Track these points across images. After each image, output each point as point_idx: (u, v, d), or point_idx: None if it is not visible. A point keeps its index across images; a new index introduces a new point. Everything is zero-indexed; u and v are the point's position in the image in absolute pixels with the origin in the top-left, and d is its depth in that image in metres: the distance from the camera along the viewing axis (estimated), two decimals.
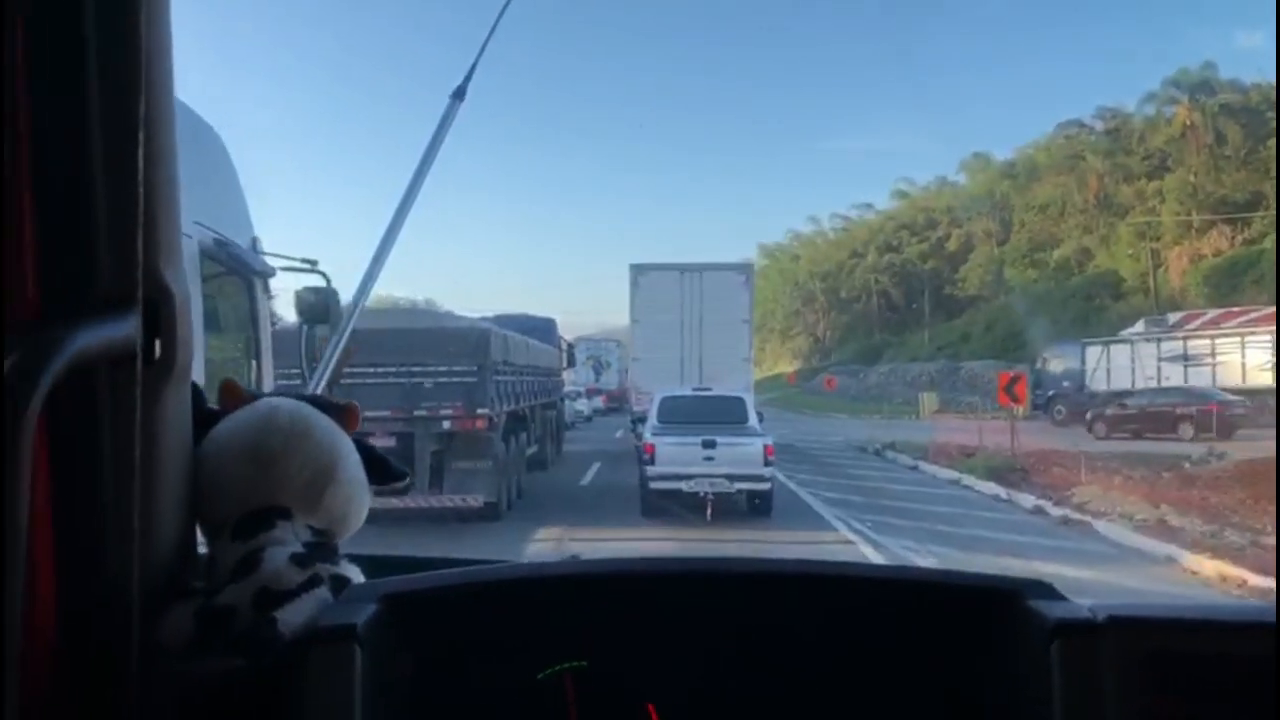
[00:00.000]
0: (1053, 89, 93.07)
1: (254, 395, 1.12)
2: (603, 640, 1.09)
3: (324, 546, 1.05)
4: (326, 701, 0.91)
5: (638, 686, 1.08)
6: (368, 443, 1.16)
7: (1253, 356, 29.83)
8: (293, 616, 0.95)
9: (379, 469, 1.15)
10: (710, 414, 14.02)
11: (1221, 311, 34.45)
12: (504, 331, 14.52)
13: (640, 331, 21.13)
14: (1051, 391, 33.36)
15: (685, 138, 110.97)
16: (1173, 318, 36.10)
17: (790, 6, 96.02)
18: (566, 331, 26.11)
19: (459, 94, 1.96)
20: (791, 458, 20.32)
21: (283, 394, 1.17)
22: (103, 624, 0.84)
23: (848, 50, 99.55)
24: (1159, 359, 32.69)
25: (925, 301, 65.75)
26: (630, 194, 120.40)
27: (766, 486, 13.16)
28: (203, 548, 1.05)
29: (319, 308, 5.07)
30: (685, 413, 14.10)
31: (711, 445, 12.91)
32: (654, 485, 13.10)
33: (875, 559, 9.58)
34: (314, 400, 1.15)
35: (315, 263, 5.20)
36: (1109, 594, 5.02)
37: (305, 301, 5.12)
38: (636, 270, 21.18)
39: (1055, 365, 35.10)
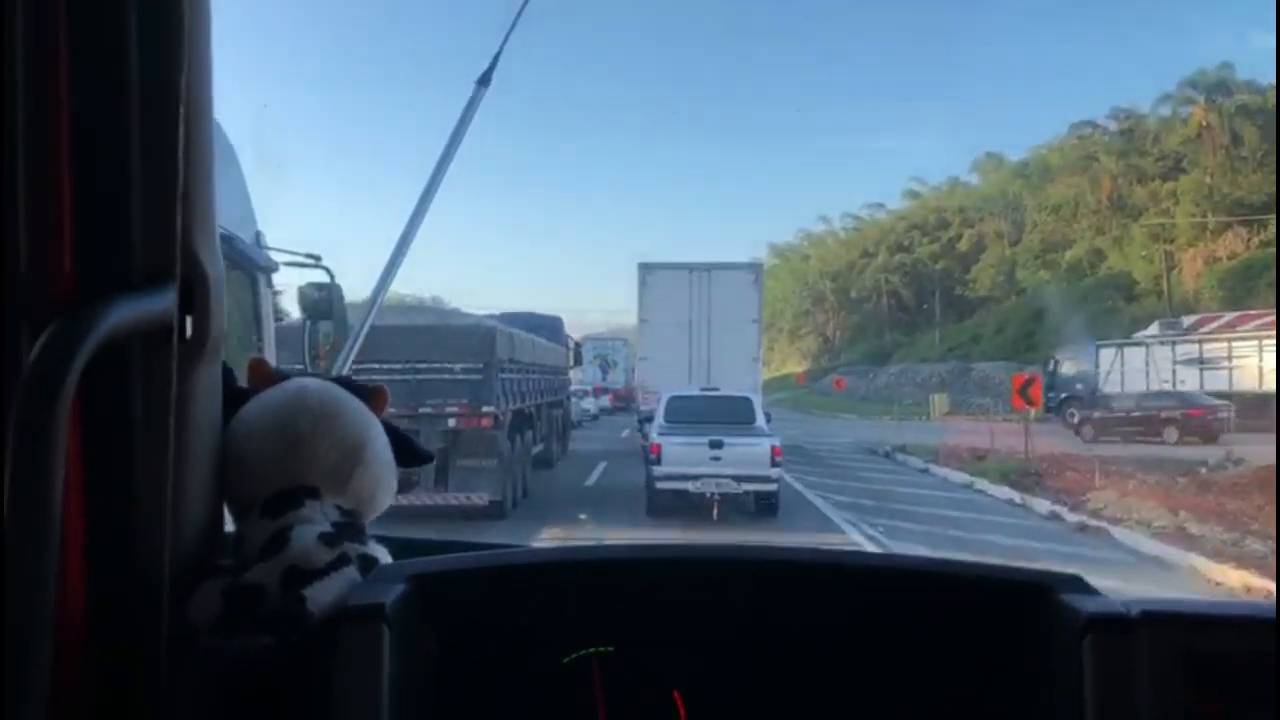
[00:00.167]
0: (1066, 89, 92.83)
1: (283, 375, 1.13)
2: (630, 625, 1.09)
3: (352, 526, 1.05)
4: (354, 680, 0.91)
5: (664, 672, 1.07)
6: (394, 424, 1.16)
7: (1270, 360, 29.48)
8: (321, 595, 0.95)
9: (405, 451, 1.16)
10: (717, 414, 13.99)
11: (1238, 314, 34.09)
12: (510, 329, 14.55)
13: (648, 330, 21.00)
14: (1064, 394, 32.79)
15: (696, 137, 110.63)
16: (1187, 320, 35.78)
17: (802, 5, 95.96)
18: (574, 330, 26.13)
19: (484, 80, 1.93)
20: (800, 460, 20.20)
21: (312, 374, 1.17)
22: (133, 599, 0.85)
23: (861, 49, 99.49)
24: (1174, 362, 32.37)
25: (936, 302, 65.43)
26: (640, 192, 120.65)
27: (773, 487, 13.15)
28: (228, 526, 1.05)
29: (322, 304, 5.04)
30: (692, 412, 14.08)
31: (718, 445, 12.90)
32: (660, 485, 13.13)
33: None
34: (342, 381, 1.16)
35: (319, 258, 5.18)
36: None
37: (309, 297, 5.09)
38: (645, 269, 21.05)
39: (1068, 367, 34.76)
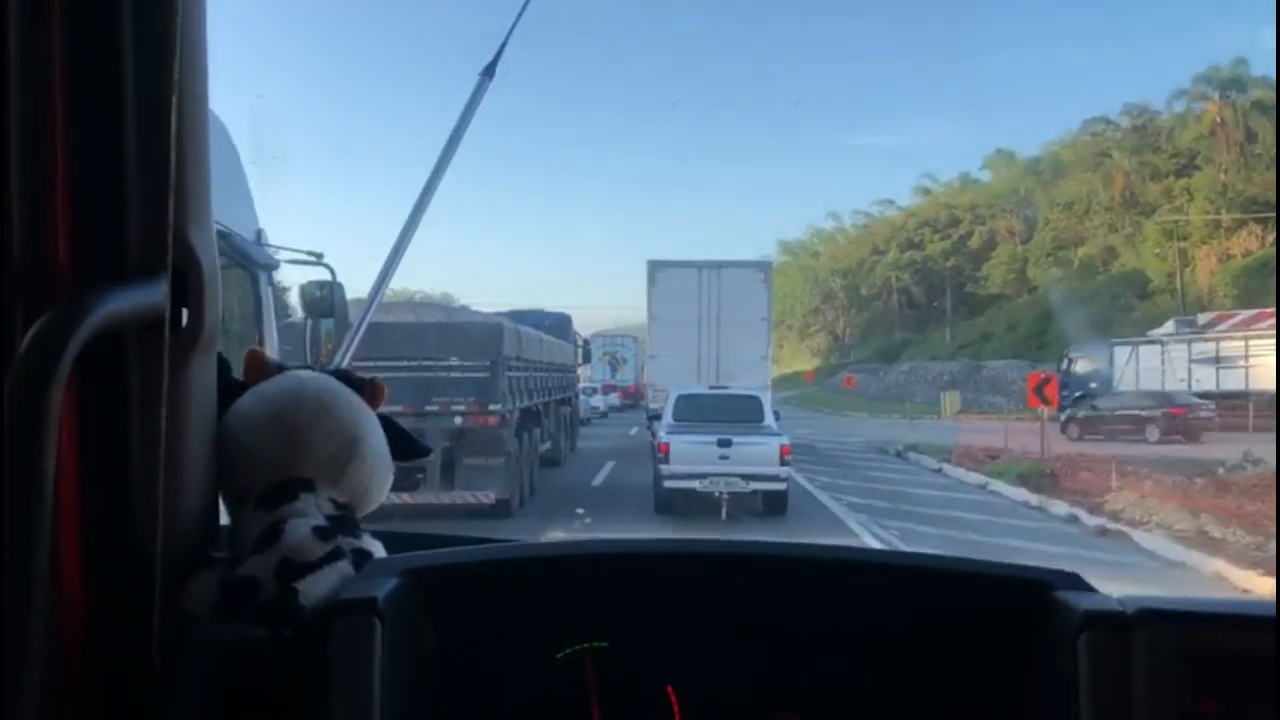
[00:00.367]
0: (1079, 86, 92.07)
1: (279, 368, 1.12)
2: (623, 621, 1.08)
3: (346, 520, 1.05)
4: (347, 673, 0.91)
5: (658, 668, 1.07)
6: (391, 418, 1.15)
7: None
8: (314, 588, 0.95)
9: (402, 445, 1.15)
10: (726, 412, 13.89)
11: (1255, 312, 33.57)
12: (518, 327, 14.47)
13: (657, 328, 20.95)
14: (1078, 393, 32.31)
15: (705, 134, 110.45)
16: (1203, 318, 35.36)
17: (814, 1, 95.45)
18: (582, 327, 26.05)
19: (489, 71, 1.91)
20: (811, 459, 20.01)
21: (308, 368, 1.18)
22: (127, 588, 0.85)
23: (872, 45, 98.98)
24: (1190, 360, 31.98)
25: (947, 300, 65.14)
26: (649, 190, 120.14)
27: (782, 486, 13.03)
28: (223, 518, 1.04)
29: (324, 302, 5.01)
30: (701, 411, 13.97)
31: (727, 444, 12.80)
32: (668, 484, 13.05)
33: None
34: (340, 375, 1.15)
35: (320, 256, 5.16)
36: None
37: (310, 295, 5.05)
38: (654, 266, 21.00)
39: (1081, 366, 34.35)
